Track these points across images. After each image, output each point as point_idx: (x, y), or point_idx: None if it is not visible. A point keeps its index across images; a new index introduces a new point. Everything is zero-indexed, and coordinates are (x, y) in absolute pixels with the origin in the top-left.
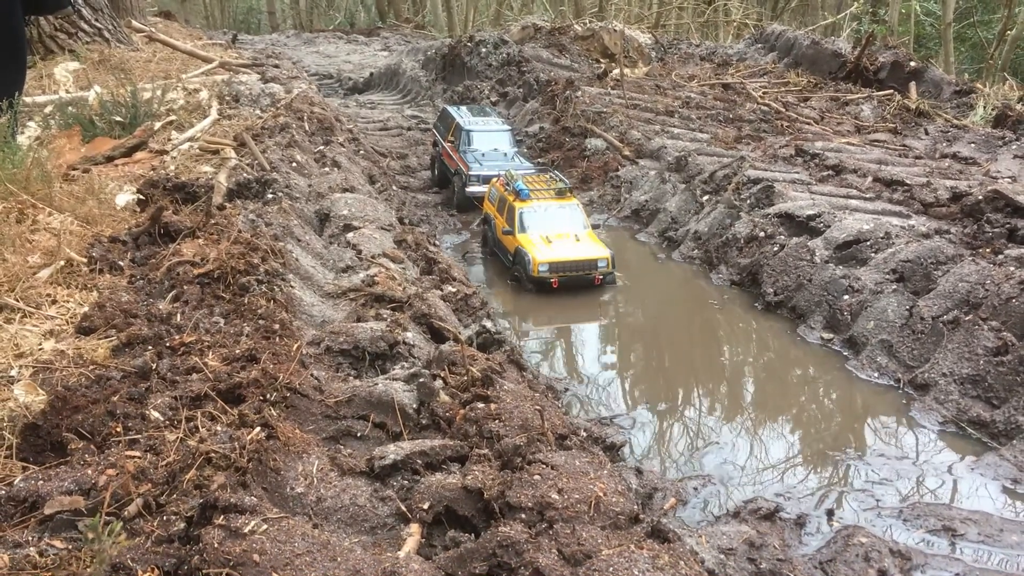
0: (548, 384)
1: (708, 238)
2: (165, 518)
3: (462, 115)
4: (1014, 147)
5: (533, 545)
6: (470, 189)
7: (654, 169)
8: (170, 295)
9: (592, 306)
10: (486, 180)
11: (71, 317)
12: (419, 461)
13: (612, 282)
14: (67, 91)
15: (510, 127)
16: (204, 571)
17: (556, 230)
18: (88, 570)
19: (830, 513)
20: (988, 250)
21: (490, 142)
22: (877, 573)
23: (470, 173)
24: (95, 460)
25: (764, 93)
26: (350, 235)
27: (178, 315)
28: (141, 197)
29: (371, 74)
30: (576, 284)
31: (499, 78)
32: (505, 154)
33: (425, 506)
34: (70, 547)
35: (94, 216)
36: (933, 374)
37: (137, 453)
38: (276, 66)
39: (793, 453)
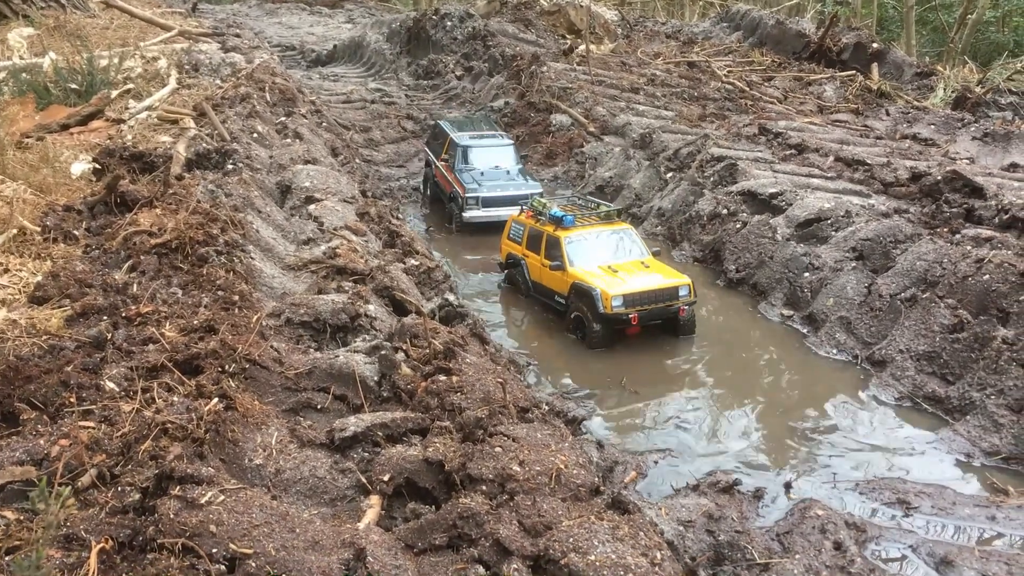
0: (511, 358)
1: (672, 215)
2: (120, 489)
3: (456, 129)
4: (973, 129)
5: (494, 516)
6: (469, 214)
7: (619, 146)
8: (126, 265)
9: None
10: (487, 203)
11: (24, 286)
12: (380, 433)
13: (692, 319)
14: (21, 57)
15: (512, 141)
16: (159, 541)
17: (616, 259)
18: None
19: (787, 486)
20: (946, 229)
21: (490, 159)
22: (833, 545)
23: (467, 195)
24: (48, 430)
25: (729, 72)
26: (312, 207)
27: (134, 285)
28: (97, 166)
29: (335, 46)
30: (656, 320)
31: (464, 52)
32: (508, 172)
33: (385, 478)
34: (21, 518)
35: (48, 185)
36: (890, 351)
37: (91, 423)
38: (237, 36)
39: (752, 428)
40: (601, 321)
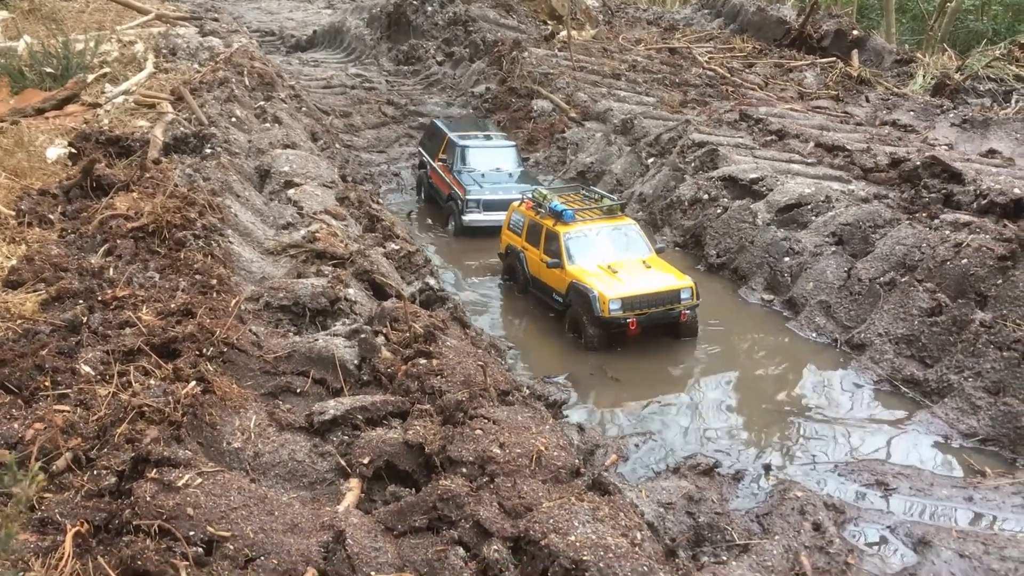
0: (491, 342)
1: (653, 200)
2: (95, 472)
3: (454, 128)
4: (951, 115)
5: (474, 498)
6: (469, 217)
7: (600, 131)
8: (102, 249)
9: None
10: (488, 206)
11: None
12: (359, 416)
13: (695, 323)
14: None
15: (514, 142)
16: (135, 524)
17: (616, 257)
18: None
19: (767, 468)
20: (925, 214)
21: (490, 160)
22: (812, 526)
23: (468, 198)
24: (22, 414)
25: (710, 58)
26: (291, 191)
27: (111, 269)
28: (73, 150)
29: (314, 32)
30: (656, 323)
31: (445, 37)
32: (510, 174)
33: (365, 461)
34: None
35: (23, 169)
36: (869, 334)
37: (66, 407)
38: (215, 20)
39: (733, 411)
40: (598, 325)
